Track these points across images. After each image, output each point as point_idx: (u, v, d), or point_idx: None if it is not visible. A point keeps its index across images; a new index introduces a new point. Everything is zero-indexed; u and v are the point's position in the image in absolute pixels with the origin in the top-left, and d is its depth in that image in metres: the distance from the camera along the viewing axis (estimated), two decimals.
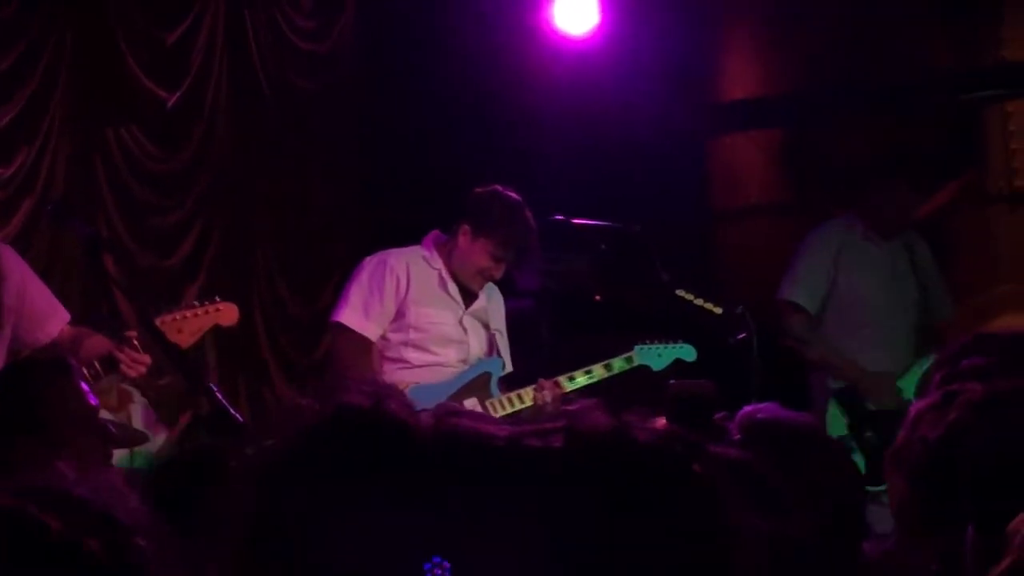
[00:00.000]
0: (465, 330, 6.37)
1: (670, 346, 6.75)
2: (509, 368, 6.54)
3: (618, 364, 6.64)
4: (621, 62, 8.81)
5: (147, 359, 5.12)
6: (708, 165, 9.42)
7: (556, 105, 9.02)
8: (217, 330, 5.73)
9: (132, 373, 5.18)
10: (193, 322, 5.32)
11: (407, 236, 8.74)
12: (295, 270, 9.00)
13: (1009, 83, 8.44)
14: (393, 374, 6.16)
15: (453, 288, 6.35)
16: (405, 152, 9.08)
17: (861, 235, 7.03)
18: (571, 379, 6.46)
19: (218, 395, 4.71)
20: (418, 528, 1.20)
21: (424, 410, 1.29)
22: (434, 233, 6.48)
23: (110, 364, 5.11)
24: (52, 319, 5.35)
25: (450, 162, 8.95)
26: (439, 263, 6.35)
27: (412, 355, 6.28)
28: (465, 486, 1.22)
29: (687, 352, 6.76)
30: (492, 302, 6.52)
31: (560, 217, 6.88)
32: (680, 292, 6.66)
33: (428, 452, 1.24)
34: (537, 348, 6.99)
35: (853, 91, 8.86)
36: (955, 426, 2.52)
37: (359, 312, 6.23)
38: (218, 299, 5.55)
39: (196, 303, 5.45)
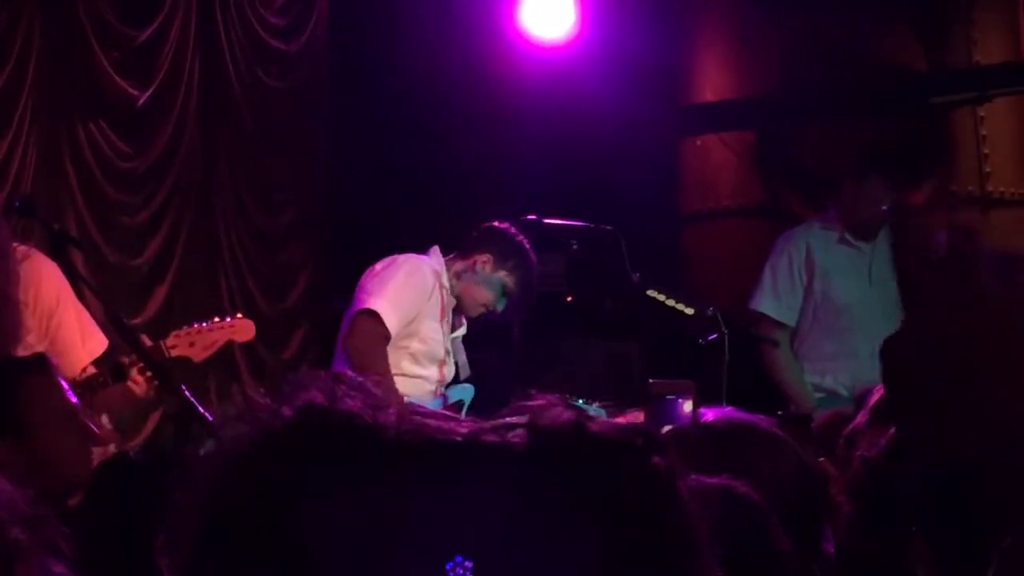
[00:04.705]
0: (447, 351, 6.39)
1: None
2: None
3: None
4: (593, 63, 8.81)
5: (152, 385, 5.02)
6: (679, 166, 9.42)
7: (528, 106, 9.03)
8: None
9: (142, 383, 5.04)
10: (207, 336, 5.25)
11: (377, 235, 8.75)
12: (264, 269, 8.98)
13: (980, 86, 8.46)
14: None
15: (451, 309, 6.36)
16: (375, 152, 9.07)
17: (837, 238, 7.01)
18: None
19: (187, 394, 4.69)
20: (380, 524, 1.20)
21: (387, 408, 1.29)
22: (435, 248, 6.44)
23: (118, 374, 5.02)
24: (86, 344, 5.21)
25: (421, 162, 8.95)
26: (446, 282, 6.34)
27: (407, 365, 6.22)
28: (426, 483, 1.22)
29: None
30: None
31: (532, 217, 6.89)
32: (651, 292, 6.66)
33: (391, 449, 1.23)
34: (508, 349, 6.99)
35: (824, 94, 8.88)
36: (895, 442, 2.53)
37: (391, 306, 6.10)
38: (239, 315, 5.49)
39: (216, 318, 5.37)
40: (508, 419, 1.27)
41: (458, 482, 1.22)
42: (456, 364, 6.46)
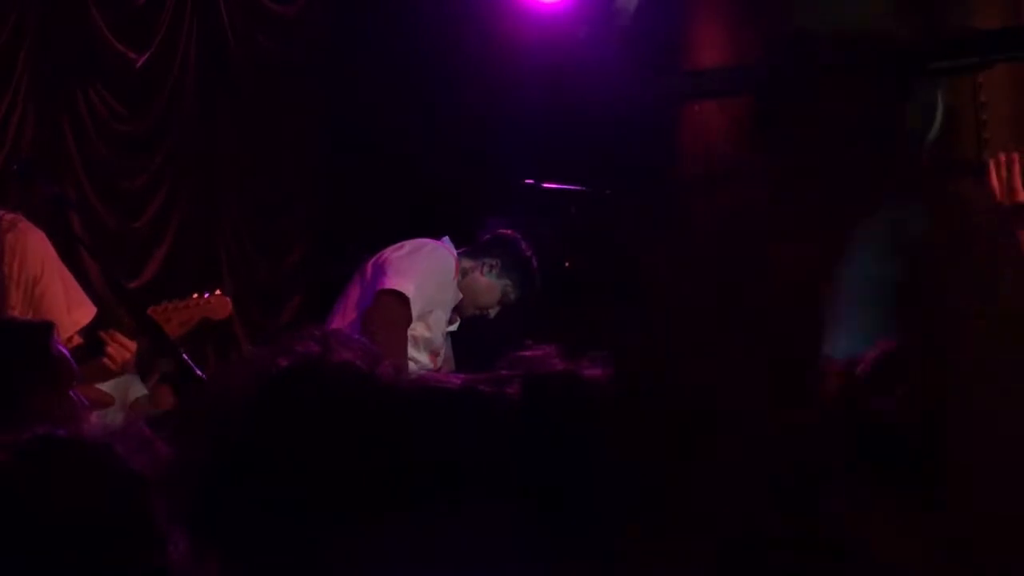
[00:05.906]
0: (443, 344, 6.40)
1: None
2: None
3: None
4: (592, 26, 8.78)
5: (133, 345, 5.01)
6: (678, 132, 9.39)
7: (526, 70, 8.99)
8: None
9: (117, 359, 5.02)
10: (184, 312, 5.27)
11: (374, 200, 8.73)
12: (262, 233, 8.97)
13: (978, 52, 8.43)
14: None
15: (454, 303, 6.36)
16: (373, 116, 9.05)
17: None
18: None
19: (183, 355, 4.69)
20: (374, 475, 1.20)
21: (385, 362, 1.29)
22: (447, 239, 6.40)
23: (95, 349, 5.01)
24: (72, 314, 5.21)
25: (419, 126, 8.93)
26: (455, 277, 6.36)
27: (410, 349, 6.17)
28: (426, 434, 1.22)
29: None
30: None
31: (530, 181, 6.88)
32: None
33: (387, 396, 1.24)
34: (504, 314, 6.98)
35: (821, 61, 8.85)
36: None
37: (418, 291, 6.06)
38: (217, 292, 5.50)
39: (195, 295, 5.39)
40: (503, 372, 1.28)
41: (453, 427, 1.22)
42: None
